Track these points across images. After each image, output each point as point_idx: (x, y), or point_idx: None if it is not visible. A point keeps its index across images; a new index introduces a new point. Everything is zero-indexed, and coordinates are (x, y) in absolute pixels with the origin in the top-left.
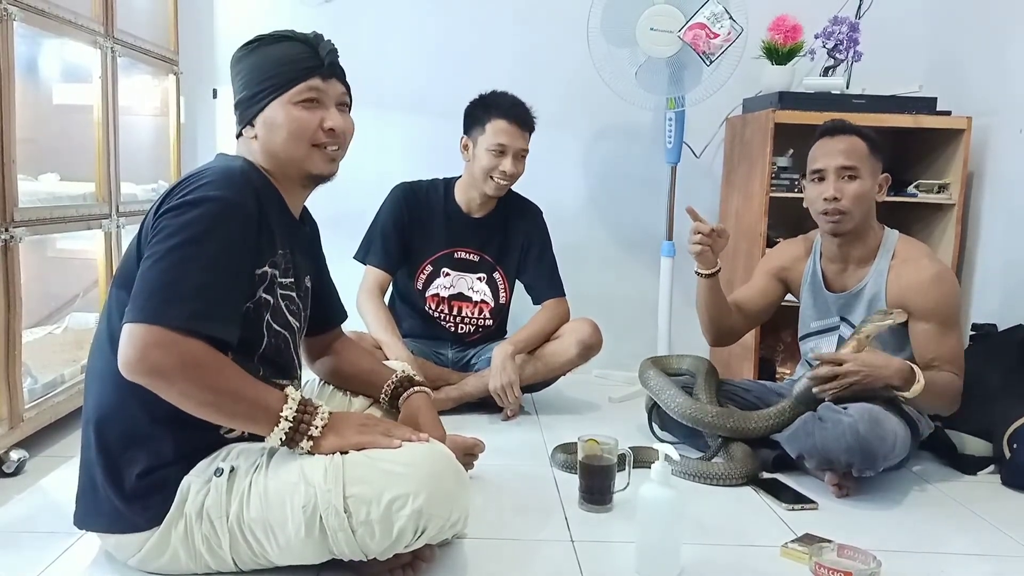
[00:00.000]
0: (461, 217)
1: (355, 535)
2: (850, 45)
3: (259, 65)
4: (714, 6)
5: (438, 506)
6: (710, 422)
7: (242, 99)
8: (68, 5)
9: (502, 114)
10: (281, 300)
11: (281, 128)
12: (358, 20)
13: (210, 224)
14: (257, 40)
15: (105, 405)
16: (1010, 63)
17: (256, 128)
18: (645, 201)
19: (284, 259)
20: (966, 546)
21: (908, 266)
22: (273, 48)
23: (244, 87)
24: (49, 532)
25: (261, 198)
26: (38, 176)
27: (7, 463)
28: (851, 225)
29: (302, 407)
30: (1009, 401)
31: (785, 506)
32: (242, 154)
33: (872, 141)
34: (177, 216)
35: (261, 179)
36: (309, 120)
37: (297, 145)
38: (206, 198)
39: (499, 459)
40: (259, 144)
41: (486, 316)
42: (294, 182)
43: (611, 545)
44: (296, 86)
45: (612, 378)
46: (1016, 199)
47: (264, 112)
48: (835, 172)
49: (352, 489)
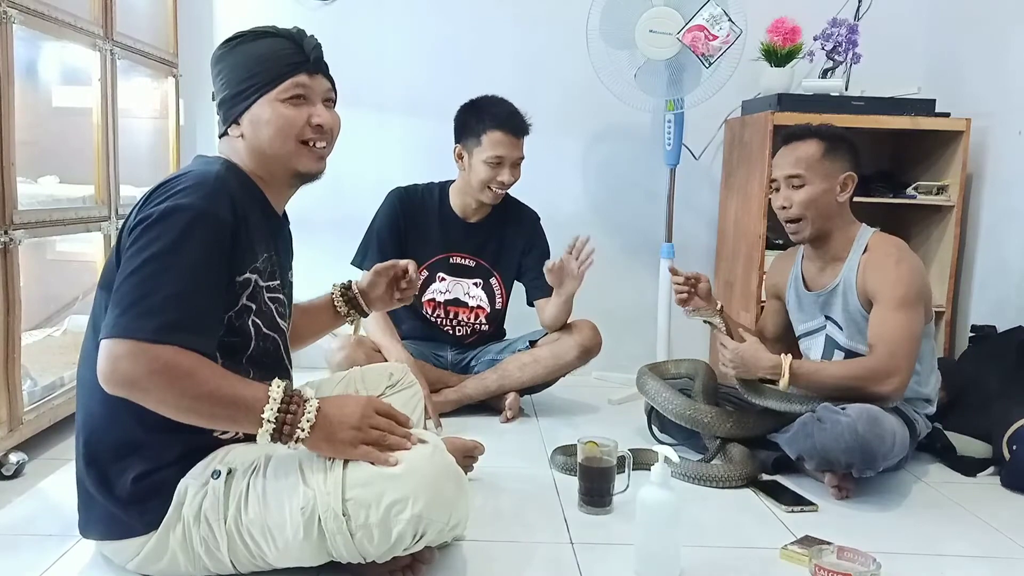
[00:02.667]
0: (457, 222)
1: (353, 539)
2: (849, 47)
3: (243, 63)
4: (713, 8)
5: (437, 510)
6: (707, 423)
7: (226, 97)
8: (67, 7)
9: (497, 125)
10: (268, 303)
11: (268, 125)
12: (357, 23)
13: (181, 234)
14: (239, 37)
15: (96, 415)
16: (1009, 65)
17: (242, 127)
18: (644, 203)
19: (268, 262)
20: (965, 548)
21: (875, 257)
22: (256, 44)
23: (227, 85)
24: (48, 535)
25: (239, 203)
26: (37, 179)
27: (6, 466)
28: (809, 230)
29: (284, 407)
30: (1008, 403)
31: (785, 508)
32: (226, 154)
33: (832, 141)
34: (150, 227)
35: (242, 181)
36: (296, 117)
37: (285, 142)
38: (178, 207)
39: (499, 461)
40: (245, 143)
41: (483, 321)
42: (281, 181)
43: (610, 547)
44: (282, 83)
45: (611, 380)
46: (1015, 200)
47: (250, 110)
48: (784, 181)
49: (351, 492)
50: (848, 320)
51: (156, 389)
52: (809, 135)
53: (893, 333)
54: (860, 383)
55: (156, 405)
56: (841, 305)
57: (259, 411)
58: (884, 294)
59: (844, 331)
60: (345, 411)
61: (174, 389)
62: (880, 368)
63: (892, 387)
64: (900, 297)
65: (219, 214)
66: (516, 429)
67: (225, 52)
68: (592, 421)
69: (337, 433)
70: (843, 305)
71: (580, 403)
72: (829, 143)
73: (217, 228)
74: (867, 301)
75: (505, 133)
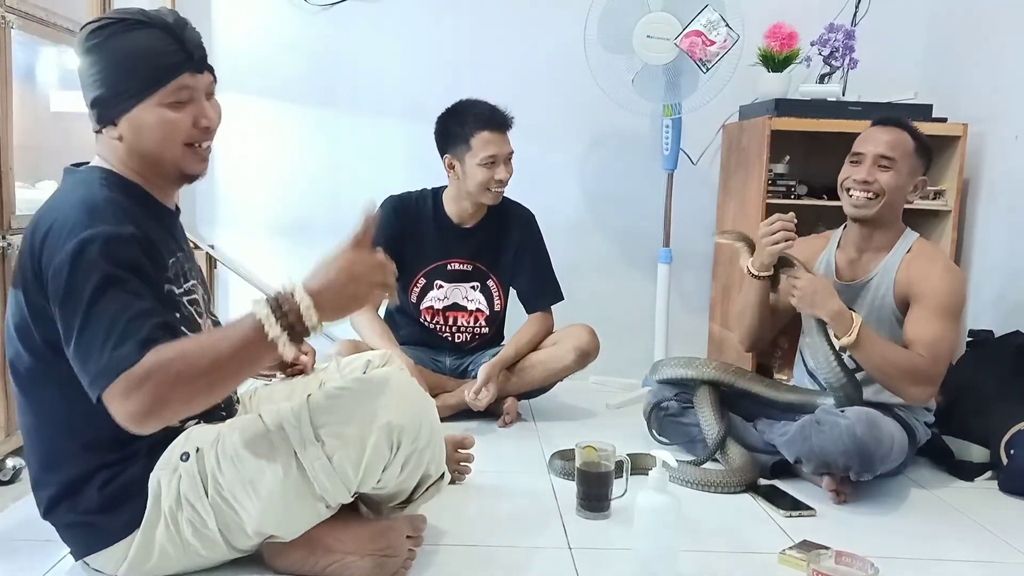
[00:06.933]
0: (453, 228)
1: (332, 462)
2: (846, 52)
3: (118, 60)
4: (710, 13)
5: (407, 417)
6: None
7: (100, 97)
8: (66, 12)
9: (483, 125)
10: (187, 306)
11: (152, 131)
12: (356, 28)
13: (103, 265)
14: (107, 25)
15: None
16: (1006, 69)
17: (119, 128)
18: (642, 208)
19: (176, 266)
20: (963, 552)
21: (921, 259)
22: (131, 38)
23: (101, 84)
24: (45, 540)
25: (133, 216)
26: (35, 183)
27: (3, 471)
28: (872, 212)
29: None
30: (1006, 407)
31: (783, 513)
32: (102, 155)
33: (922, 143)
34: (71, 275)
35: (125, 190)
36: (182, 121)
37: (171, 147)
38: (86, 241)
39: (496, 466)
40: (124, 145)
41: (482, 324)
42: (166, 180)
43: (609, 552)
44: (166, 86)
45: (609, 384)
46: (1012, 205)
47: (130, 113)
48: (872, 158)
49: (320, 420)
50: (872, 313)
51: (169, 394)
52: (904, 127)
53: (938, 341)
54: (904, 375)
55: (184, 406)
56: (870, 299)
57: (264, 335)
58: (931, 299)
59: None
60: (332, 274)
61: (182, 381)
62: (924, 371)
63: (927, 393)
64: (947, 306)
65: (124, 231)
66: (514, 434)
67: (95, 45)
68: (590, 426)
69: (341, 297)
70: (872, 299)
71: (578, 408)
72: (919, 144)
73: (129, 242)
74: (902, 300)
75: (492, 131)
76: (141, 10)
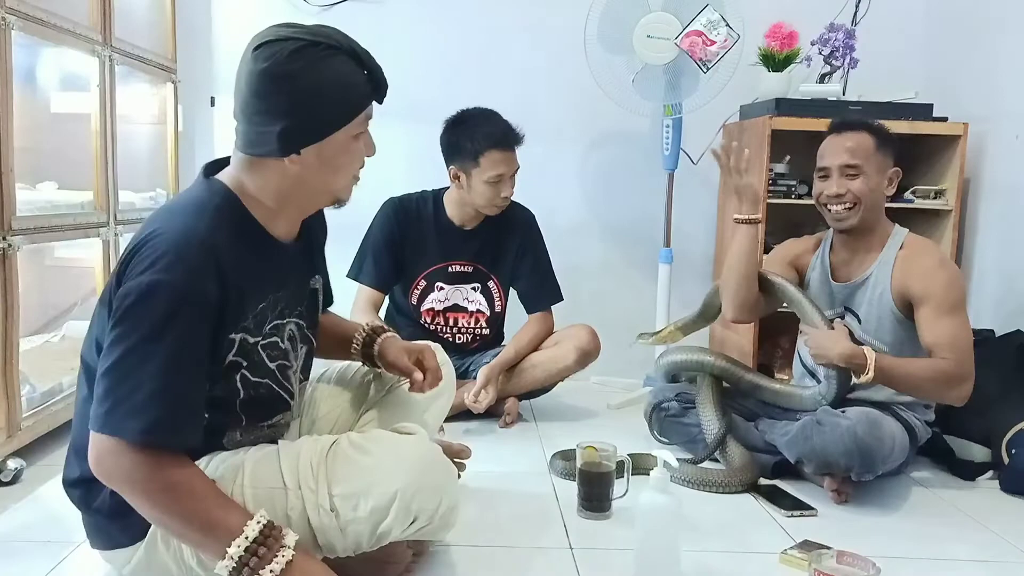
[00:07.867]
0: (453, 230)
1: (344, 532)
2: (846, 52)
3: (319, 89)
4: (711, 13)
5: (427, 497)
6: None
7: (291, 127)
8: (66, 14)
9: (494, 144)
10: (260, 352)
11: (335, 160)
12: (357, 30)
13: (162, 319)
14: (302, 48)
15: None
16: (1006, 69)
17: (304, 156)
18: (643, 208)
19: (265, 311)
20: (965, 552)
21: (915, 256)
22: (330, 65)
23: (294, 112)
24: (46, 541)
25: (227, 263)
26: (36, 185)
27: (4, 472)
28: (855, 220)
29: (255, 546)
30: (1007, 406)
31: (784, 513)
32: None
33: (881, 136)
34: (131, 309)
35: (238, 226)
36: (361, 153)
37: (345, 177)
38: (159, 285)
39: (498, 466)
40: (293, 174)
41: (482, 325)
42: (307, 209)
43: (610, 552)
44: (357, 116)
45: (611, 385)
46: (1013, 204)
47: (322, 143)
48: (838, 170)
49: (337, 489)
50: (872, 313)
51: (133, 495)
52: (860, 127)
53: (955, 339)
54: (937, 385)
55: (133, 504)
56: (868, 298)
57: (227, 544)
58: (936, 297)
59: (863, 324)
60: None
61: (150, 500)
62: (955, 373)
63: (966, 391)
64: (951, 301)
65: (202, 291)
66: (515, 434)
67: (293, 70)
68: (591, 426)
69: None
70: (870, 298)
71: (579, 408)
72: (879, 137)
73: (200, 307)
74: (900, 298)
75: (502, 151)
76: (327, 32)
